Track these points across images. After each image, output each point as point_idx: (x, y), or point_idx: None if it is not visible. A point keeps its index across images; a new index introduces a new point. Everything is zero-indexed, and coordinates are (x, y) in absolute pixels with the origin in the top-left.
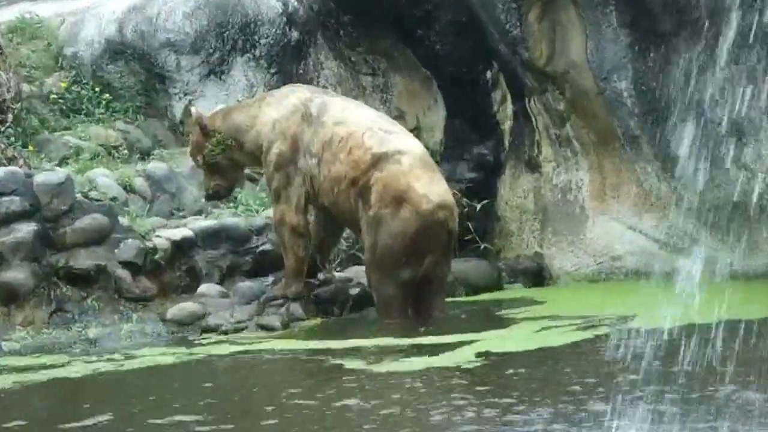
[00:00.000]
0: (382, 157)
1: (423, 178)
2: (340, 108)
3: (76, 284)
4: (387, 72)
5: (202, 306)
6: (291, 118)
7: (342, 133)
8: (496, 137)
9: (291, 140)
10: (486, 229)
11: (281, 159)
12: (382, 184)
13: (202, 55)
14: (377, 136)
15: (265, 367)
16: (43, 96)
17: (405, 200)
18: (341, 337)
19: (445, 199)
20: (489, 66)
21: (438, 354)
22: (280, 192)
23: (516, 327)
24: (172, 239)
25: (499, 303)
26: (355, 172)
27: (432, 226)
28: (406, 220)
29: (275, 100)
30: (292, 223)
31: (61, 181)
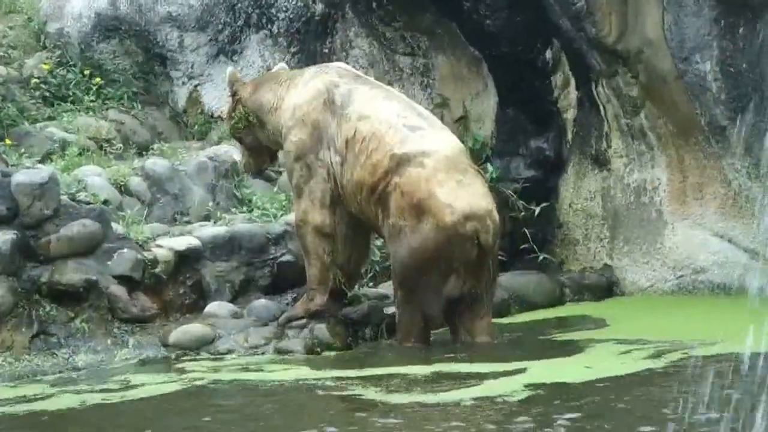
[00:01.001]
0: (402, 160)
1: (449, 183)
2: (366, 99)
3: (62, 303)
4: (428, 52)
5: (210, 328)
6: (312, 104)
7: (365, 131)
8: (557, 129)
9: (311, 127)
10: (546, 237)
11: (301, 148)
12: (401, 191)
13: (209, 32)
14: (400, 133)
15: (279, 399)
16: (22, 80)
17: (425, 211)
18: (368, 365)
19: (475, 208)
20: (548, 44)
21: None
22: (302, 187)
23: (573, 353)
24: (175, 249)
25: (557, 323)
26: (373, 178)
27: (456, 241)
28: (425, 235)
29: (302, 81)
30: (316, 223)
31: (44, 181)
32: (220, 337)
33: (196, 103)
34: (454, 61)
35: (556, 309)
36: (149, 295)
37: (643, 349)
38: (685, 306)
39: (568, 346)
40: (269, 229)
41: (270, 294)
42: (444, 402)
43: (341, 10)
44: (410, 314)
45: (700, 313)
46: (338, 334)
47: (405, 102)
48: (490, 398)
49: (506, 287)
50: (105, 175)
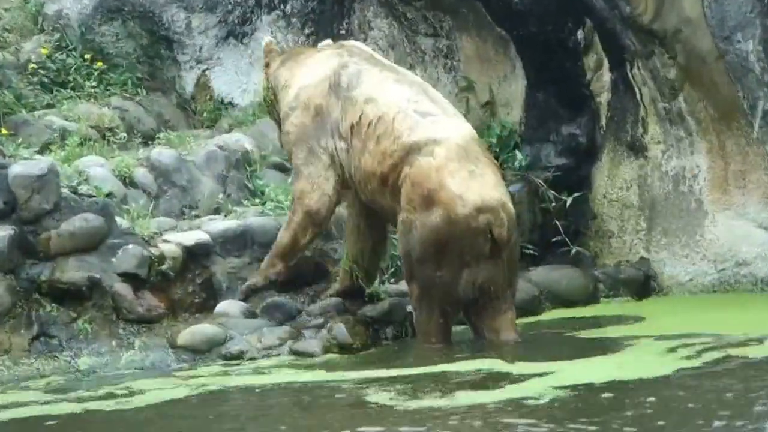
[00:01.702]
0: (412, 149)
1: (460, 173)
2: (375, 81)
3: (64, 302)
4: (452, 32)
5: (221, 328)
6: (318, 87)
7: (371, 114)
8: (590, 113)
9: (314, 112)
10: (579, 229)
11: (301, 132)
12: (411, 182)
13: (218, 13)
14: (409, 120)
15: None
16: (19, 66)
17: (435, 202)
18: (386, 367)
19: (487, 199)
20: (580, 23)
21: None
22: (302, 169)
23: (606, 352)
24: (183, 245)
25: (590, 321)
26: (383, 167)
27: (468, 235)
28: (435, 227)
29: (314, 61)
30: (311, 207)
31: (43, 173)
32: (231, 338)
33: (204, 88)
34: (479, 42)
35: (590, 305)
36: (156, 294)
37: (682, 348)
38: (727, 301)
39: (602, 345)
40: (283, 223)
41: (285, 291)
42: (464, 406)
43: None
44: (427, 312)
45: (742, 308)
46: (358, 333)
47: (417, 86)
48: (514, 401)
49: (537, 283)
50: (108, 166)
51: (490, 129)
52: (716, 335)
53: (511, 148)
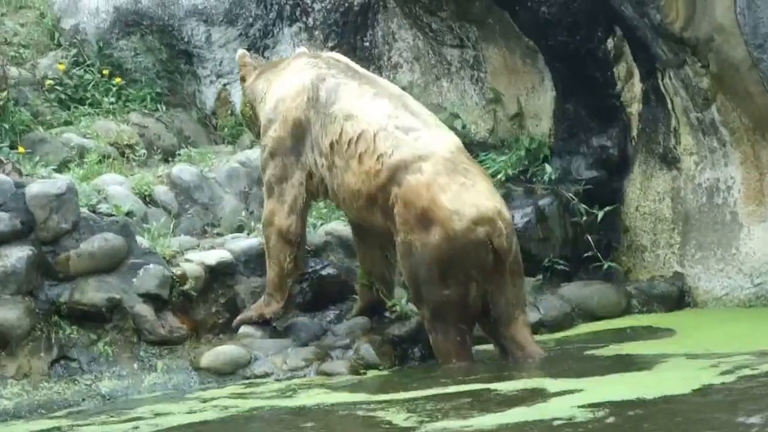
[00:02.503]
0: (399, 167)
1: (451, 186)
2: (353, 95)
3: (84, 324)
4: (479, 43)
5: (246, 349)
6: (296, 99)
7: (351, 132)
8: (621, 125)
9: (293, 125)
10: (611, 243)
11: (278, 145)
12: (402, 202)
13: (238, 26)
14: (391, 137)
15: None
16: (35, 82)
17: (431, 221)
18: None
19: (483, 210)
20: (610, 32)
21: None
22: (273, 186)
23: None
24: (205, 264)
25: (622, 337)
26: (369, 187)
27: (470, 248)
28: (435, 246)
29: (290, 72)
30: (281, 227)
31: (61, 192)
32: (256, 359)
33: (225, 103)
34: (507, 52)
35: (623, 321)
36: (178, 315)
37: (716, 365)
38: (764, 316)
39: (633, 362)
40: (308, 241)
41: (310, 311)
42: (486, 427)
43: (382, 0)
44: (443, 333)
45: None
46: (385, 353)
47: (397, 99)
48: (540, 422)
49: (569, 299)
50: (128, 184)
51: (519, 141)
52: (752, 351)
53: (540, 161)
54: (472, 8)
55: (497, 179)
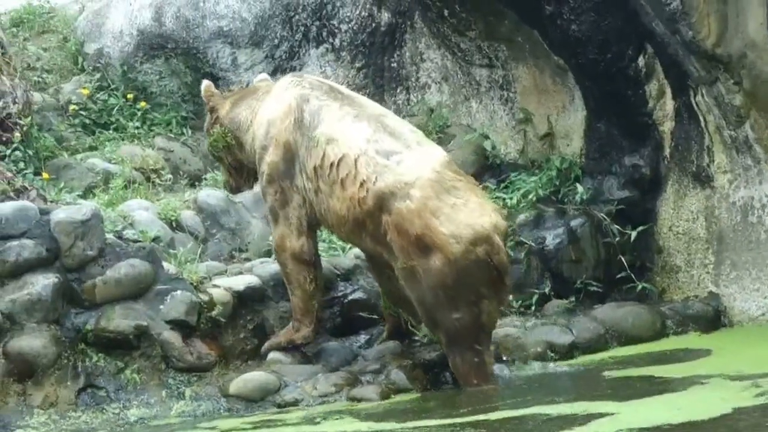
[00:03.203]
0: (386, 195)
1: (443, 209)
2: (334, 118)
3: (111, 352)
4: (508, 62)
5: (275, 376)
6: (284, 122)
7: (333, 156)
8: (654, 143)
9: (284, 149)
10: (644, 263)
11: (274, 171)
12: (396, 231)
13: (264, 48)
14: (373, 163)
15: None
16: (59, 107)
17: (429, 246)
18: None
19: (479, 229)
20: (641, 50)
21: (558, 431)
22: (277, 211)
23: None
24: (233, 289)
25: (657, 358)
26: (356, 213)
27: (473, 267)
28: (439, 271)
29: (274, 93)
30: (294, 249)
31: (87, 218)
32: (285, 385)
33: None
34: (536, 71)
35: (658, 342)
36: (206, 341)
37: (752, 387)
38: None
39: (668, 384)
40: (337, 264)
41: (340, 335)
42: None
43: (410, 20)
44: (460, 355)
45: None
46: (417, 378)
47: (375, 120)
48: None
49: (602, 321)
50: (154, 209)
51: (550, 162)
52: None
53: (571, 181)
54: (501, 27)
55: (528, 200)
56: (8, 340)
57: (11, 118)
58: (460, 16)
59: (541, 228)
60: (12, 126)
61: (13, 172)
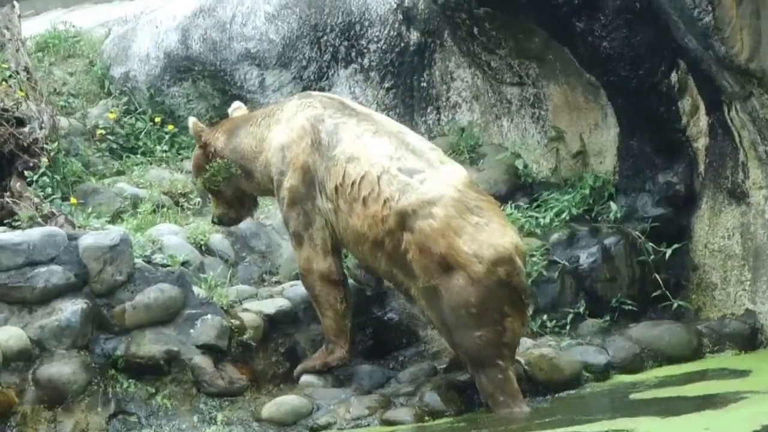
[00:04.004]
0: (408, 214)
1: (466, 229)
2: (353, 136)
3: (141, 378)
4: (539, 80)
5: (307, 399)
6: (300, 144)
7: (354, 174)
8: (688, 160)
9: (302, 172)
10: (679, 281)
11: (295, 195)
12: (418, 250)
13: (292, 69)
14: (396, 181)
15: None
16: (86, 132)
17: (452, 266)
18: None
19: (501, 250)
20: (673, 66)
21: None
22: (302, 234)
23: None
24: (264, 313)
25: (692, 378)
26: (376, 232)
27: (494, 289)
28: (462, 290)
29: (284, 117)
30: (322, 270)
31: (115, 243)
32: (318, 408)
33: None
34: (567, 89)
35: (695, 362)
36: (238, 366)
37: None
38: None
39: (704, 403)
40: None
41: (373, 358)
42: None
43: (439, 39)
44: (485, 373)
45: None
46: (451, 400)
47: (396, 138)
48: None
49: (638, 340)
50: (183, 233)
51: (582, 180)
52: None
53: (605, 199)
54: (531, 44)
55: (561, 219)
56: (38, 367)
57: (38, 144)
58: (490, 34)
59: (574, 247)
60: (39, 151)
61: (40, 197)
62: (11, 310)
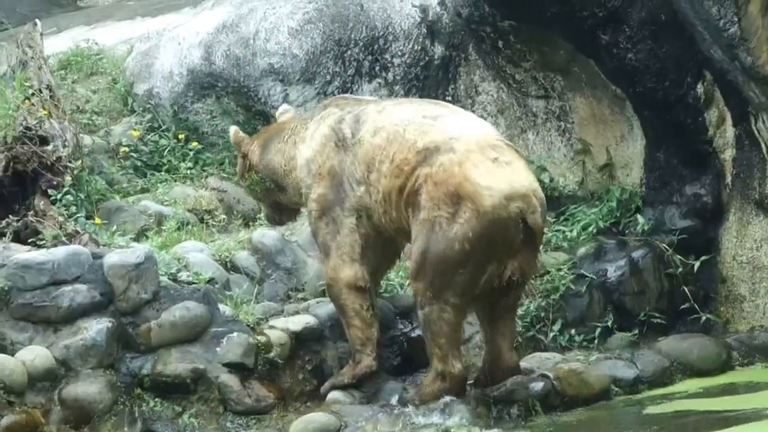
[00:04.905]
0: (429, 150)
1: (484, 163)
2: (375, 112)
3: (168, 396)
4: (564, 93)
5: (335, 417)
6: (324, 153)
7: (381, 141)
8: (715, 172)
9: (329, 177)
10: (708, 294)
11: (323, 203)
12: (433, 182)
13: (316, 84)
14: (420, 126)
15: None
16: (110, 150)
17: (462, 197)
18: None
19: (517, 186)
20: (700, 77)
21: None
22: (329, 244)
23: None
24: (290, 330)
25: (722, 391)
26: (400, 180)
27: (499, 226)
28: (466, 223)
29: (308, 134)
30: (348, 279)
31: (140, 261)
32: (346, 426)
33: None
34: (593, 101)
35: (725, 375)
36: (265, 384)
37: None
38: None
39: (735, 418)
40: (396, 302)
41: (400, 375)
42: None
43: (464, 52)
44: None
45: None
46: (480, 415)
47: (419, 103)
48: None
49: (667, 353)
50: (208, 250)
51: (609, 193)
52: None
53: (632, 212)
54: (557, 57)
55: (588, 232)
56: (63, 387)
57: (61, 162)
58: (514, 47)
59: (602, 260)
60: (62, 170)
61: (64, 216)
62: (36, 330)
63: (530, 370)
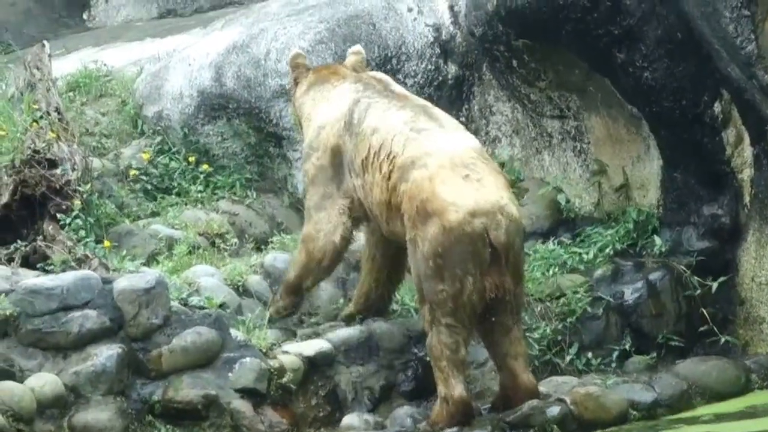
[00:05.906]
0: (407, 165)
1: (452, 179)
2: (380, 111)
3: (179, 423)
4: (579, 113)
5: None
6: (335, 126)
7: (376, 143)
8: (733, 192)
9: (331, 153)
10: (726, 316)
11: (319, 173)
12: (407, 197)
13: None
14: (403, 138)
15: None
16: (119, 173)
17: (430, 213)
18: None
19: (482, 203)
20: (717, 96)
21: None
22: (312, 212)
23: None
24: (303, 355)
25: (740, 415)
26: (387, 193)
27: (465, 241)
28: (434, 239)
29: (334, 97)
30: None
31: (151, 286)
32: None
33: None
34: (609, 121)
35: (744, 398)
36: (278, 410)
37: None
38: None
39: None
40: (410, 326)
41: (415, 399)
42: None
43: (477, 72)
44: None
45: None
46: None
47: (419, 108)
48: None
49: (685, 376)
50: (219, 275)
51: (626, 214)
52: None
53: (649, 233)
54: (572, 77)
55: (605, 254)
56: (73, 414)
57: (70, 185)
58: (529, 66)
59: (619, 282)
60: (71, 193)
61: (73, 240)
62: (45, 356)
63: (547, 395)
